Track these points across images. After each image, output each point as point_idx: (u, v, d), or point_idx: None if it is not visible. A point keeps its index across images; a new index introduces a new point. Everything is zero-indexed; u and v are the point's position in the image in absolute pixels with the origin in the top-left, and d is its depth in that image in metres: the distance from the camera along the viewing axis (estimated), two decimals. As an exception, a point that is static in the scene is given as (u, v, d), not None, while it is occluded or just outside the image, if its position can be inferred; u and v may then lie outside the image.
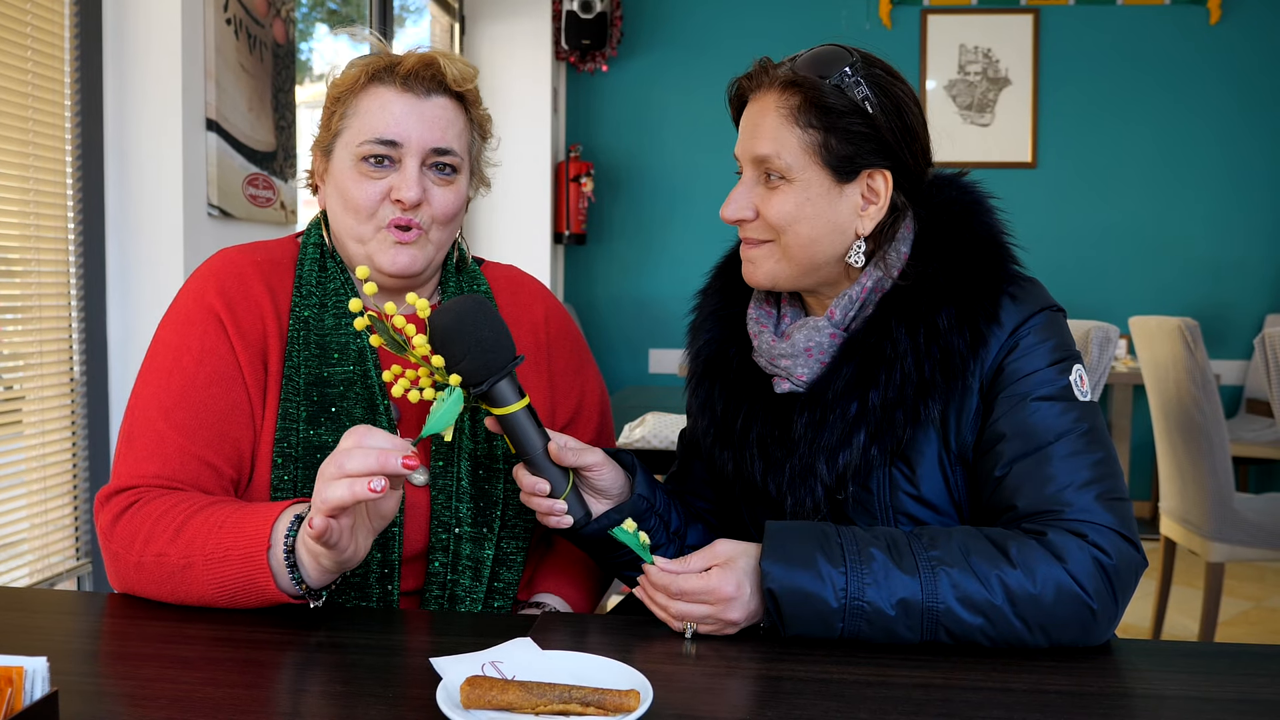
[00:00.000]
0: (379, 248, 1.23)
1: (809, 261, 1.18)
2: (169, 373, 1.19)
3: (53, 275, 2.33)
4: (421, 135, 1.21)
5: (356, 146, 1.21)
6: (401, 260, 1.22)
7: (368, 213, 1.22)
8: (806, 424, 1.16)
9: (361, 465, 0.97)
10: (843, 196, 1.16)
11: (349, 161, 1.22)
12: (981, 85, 5.12)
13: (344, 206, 1.23)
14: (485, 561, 1.24)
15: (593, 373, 1.43)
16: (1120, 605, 1.05)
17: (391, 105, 1.21)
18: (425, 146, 1.22)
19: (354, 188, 1.22)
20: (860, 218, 1.17)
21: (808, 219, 1.15)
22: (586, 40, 5.01)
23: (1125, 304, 4.94)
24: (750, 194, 1.18)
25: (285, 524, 1.05)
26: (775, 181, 1.16)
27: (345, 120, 1.24)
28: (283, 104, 2.92)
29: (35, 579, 2.26)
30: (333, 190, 1.25)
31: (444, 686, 0.86)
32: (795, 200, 1.15)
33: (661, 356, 5.34)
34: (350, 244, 1.25)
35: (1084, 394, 1.14)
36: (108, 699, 0.90)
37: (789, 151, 1.14)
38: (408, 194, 1.20)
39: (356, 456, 0.97)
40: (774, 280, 1.20)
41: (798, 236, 1.16)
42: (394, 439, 1.00)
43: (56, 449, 2.34)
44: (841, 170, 1.15)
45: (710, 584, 1.04)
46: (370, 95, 1.23)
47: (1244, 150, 4.99)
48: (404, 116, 1.21)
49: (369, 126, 1.21)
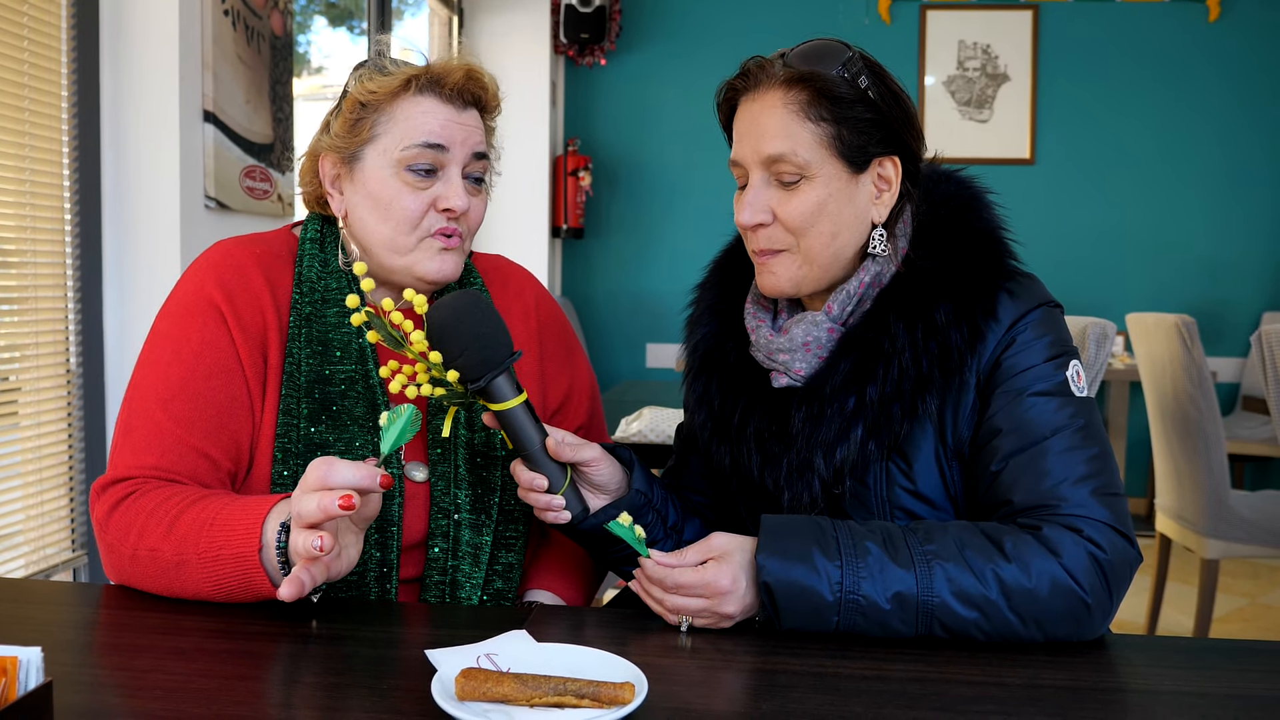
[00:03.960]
0: (423, 257, 1.22)
1: (832, 259, 1.17)
2: (168, 364, 1.19)
3: (49, 266, 2.33)
4: (464, 141, 1.23)
5: (400, 152, 1.21)
6: (448, 268, 1.23)
7: (411, 224, 1.21)
8: (804, 419, 1.16)
9: (311, 512, 0.96)
10: (859, 187, 1.16)
11: (388, 170, 1.21)
12: (980, 81, 5.12)
13: (381, 217, 1.22)
14: (484, 547, 1.24)
15: (581, 358, 1.45)
16: (1115, 600, 1.05)
17: (436, 113, 1.22)
18: (468, 152, 1.23)
19: (396, 198, 1.21)
20: (875, 206, 1.17)
21: (830, 215, 1.15)
22: (585, 34, 5.01)
23: (1123, 301, 4.94)
24: (764, 196, 1.16)
25: (275, 524, 1.04)
26: (792, 182, 1.14)
27: (379, 127, 1.22)
28: (280, 96, 2.91)
29: (31, 571, 2.26)
30: (362, 199, 1.23)
31: (439, 678, 0.86)
32: (817, 197, 1.14)
33: (659, 351, 5.34)
34: (384, 254, 1.23)
35: (1080, 390, 1.14)
36: (102, 689, 0.90)
37: (804, 147, 1.13)
38: (457, 202, 1.21)
39: (307, 502, 0.96)
40: (798, 287, 1.18)
41: (820, 235, 1.15)
42: (359, 470, 0.98)
43: (52, 441, 2.34)
44: (855, 161, 1.15)
45: (706, 578, 1.04)
46: (411, 103, 1.22)
47: (1243, 148, 4.99)
48: (448, 124, 1.22)
49: (414, 131, 1.21)
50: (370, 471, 0.98)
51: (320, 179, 1.28)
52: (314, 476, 0.98)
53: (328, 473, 0.98)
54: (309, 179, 1.31)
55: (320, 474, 0.98)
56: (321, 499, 0.95)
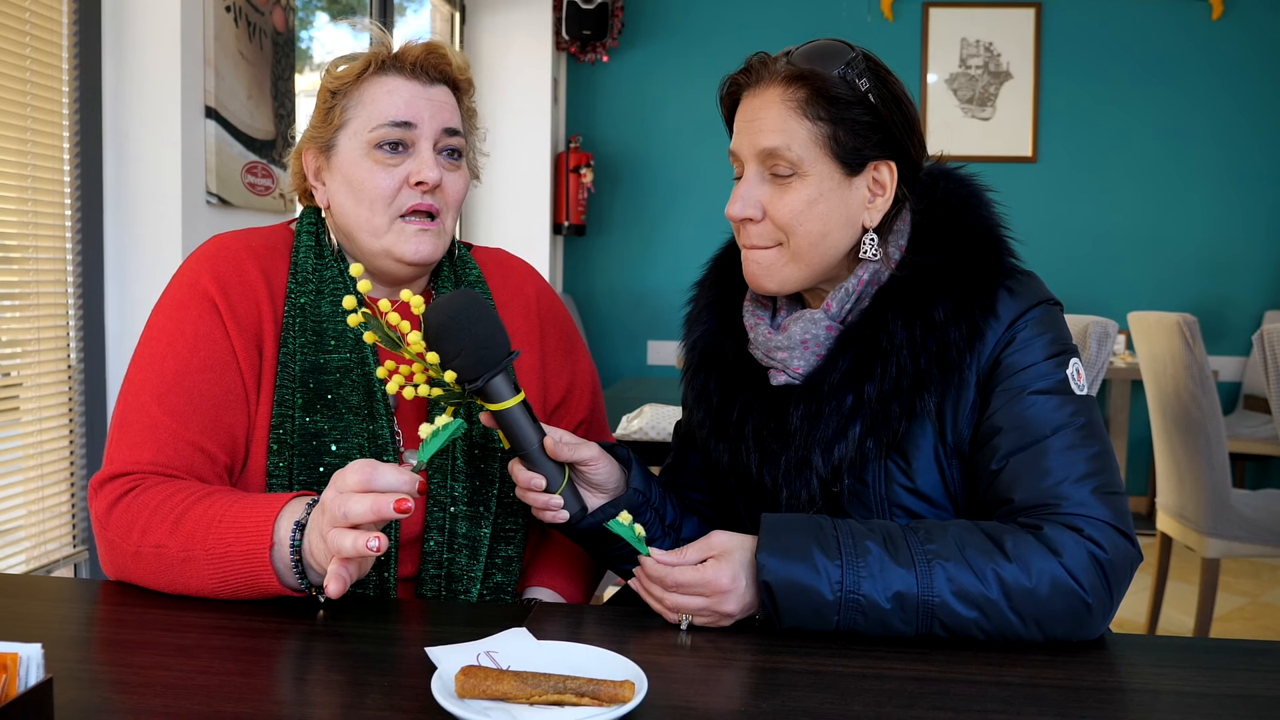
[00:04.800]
0: (398, 239, 1.22)
1: (820, 260, 1.17)
2: (163, 358, 1.19)
3: (50, 262, 2.33)
4: (434, 116, 1.23)
5: (369, 133, 1.21)
6: (424, 249, 1.23)
7: (385, 201, 1.21)
8: (802, 416, 1.16)
9: (362, 513, 0.96)
10: (852, 189, 1.16)
11: (359, 151, 1.22)
12: (983, 79, 5.11)
13: (356, 199, 1.22)
14: (482, 540, 1.24)
15: (583, 353, 1.44)
16: (1115, 599, 1.05)
17: (400, 90, 1.22)
18: (438, 127, 1.23)
19: (368, 177, 1.21)
20: (868, 210, 1.17)
21: (819, 215, 1.15)
22: (587, 31, 5.00)
23: (1124, 299, 4.94)
24: (756, 190, 1.16)
25: (288, 524, 1.04)
26: (785, 178, 1.14)
27: (349, 112, 1.23)
28: (282, 92, 2.91)
29: (32, 566, 2.26)
30: (339, 185, 1.24)
31: (439, 676, 0.86)
32: (807, 195, 1.14)
33: (660, 348, 5.34)
34: (364, 237, 1.23)
35: (1081, 388, 1.14)
36: (103, 686, 0.90)
37: (799, 144, 1.13)
38: (429, 174, 1.20)
39: (357, 503, 0.96)
40: (784, 285, 1.18)
41: (809, 234, 1.15)
42: (401, 474, 0.98)
43: (53, 436, 2.34)
44: (850, 162, 1.14)
45: (706, 576, 1.04)
46: (375, 84, 1.23)
47: (1244, 146, 4.98)
48: (414, 100, 1.22)
49: (380, 112, 1.21)
50: (411, 477, 0.99)
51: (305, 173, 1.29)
52: (357, 480, 0.98)
53: (373, 475, 0.98)
54: (297, 175, 1.32)
55: (365, 477, 0.98)
56: (375, 501, 0.95)
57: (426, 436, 1.03)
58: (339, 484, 0.99)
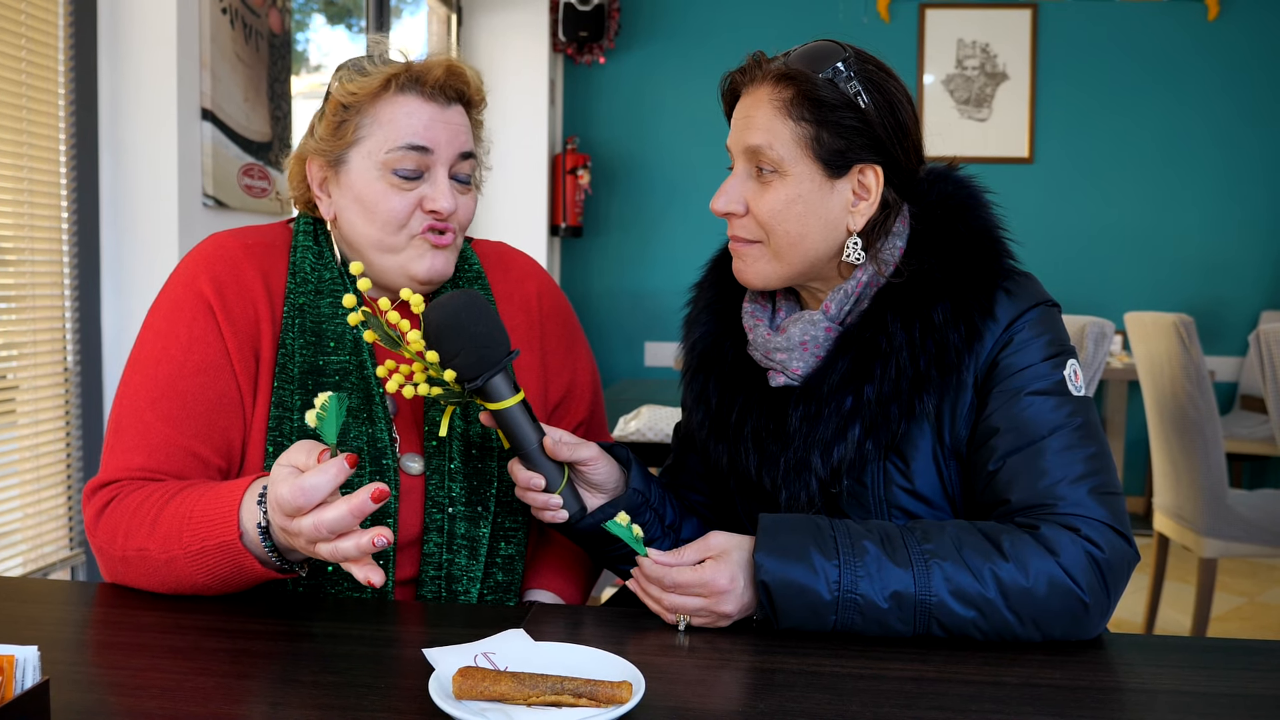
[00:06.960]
0: (414, 256, 1.22)
1: (800, 259, 1.17)
2: (156, 361, 1.18)
3: (47, 265, 2.33)
4: (450, 141, 1.22)
5: (384, 154, 1.20)
6: (439, 266, 1.23)
7: (398, 224, 1.21)
8: (801, 418, 1.16)
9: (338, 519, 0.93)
10: (834, 192, 1.16)
11: (373, 173, 1.20)
12: (979, 80, 5.12)
13: (368, 218, 1.21)
14: (482, 539, 1.24)
15: (584, 350, 1.43)
16: (1112, 599, 1.05)
17: (419, 113, 1.21)
18: (454, 152, 1.22)
19: (382, 199, 1.20)
20: (851, 214, 1.17)
21: (797, 215, 1.15)
22: (584, 32, 5.00)
23: (1121, 300, 4.94)
24: (741, 187, 1.17)
25: (252, 508, 1.02)
26: (768, 176, 1.15)
27: (364, 130, 1.21)
28: (279, 94, 2.91)
29: (29, 569, 2.26)
30: (349, 202, 1.22)
31: (436, 677, 0.86)
32: (786, 195, 1.15)
33: (657, 349, 5.34)
34: (375, 254, 1.22)
35: (1078, 389, 1.14)
36: (99, 688, 0.90)
37: (781, 143, 1.14)
38: (444, 204, 1.20)
39: (332, 513, 0.93)
40: (765, 280, 1.19)
41: (787, 234, 1.15)
42: (325, 472, 0.93)
43: (50, 439, 2.34)
44: (833, 165, 1.15)
45: (704, 577, 1.04)
46: (393, 104, 1.21)
47: (1241, 147, 4.99)
48: (432, 124, 1.21)
49: (397, 134, 1.20)
50: (336, 465, 0.94)
51: (308, 182, 1.27)
52: (295, 505, 0.94)
53: (309, 495, 0.93)
54: (298, 182, 1.29)
55: (301, 501, 0.93)
56: (350, 504, 0.93)
57: (317, 423, 0.97)
58: (283, 509, 0.95)
